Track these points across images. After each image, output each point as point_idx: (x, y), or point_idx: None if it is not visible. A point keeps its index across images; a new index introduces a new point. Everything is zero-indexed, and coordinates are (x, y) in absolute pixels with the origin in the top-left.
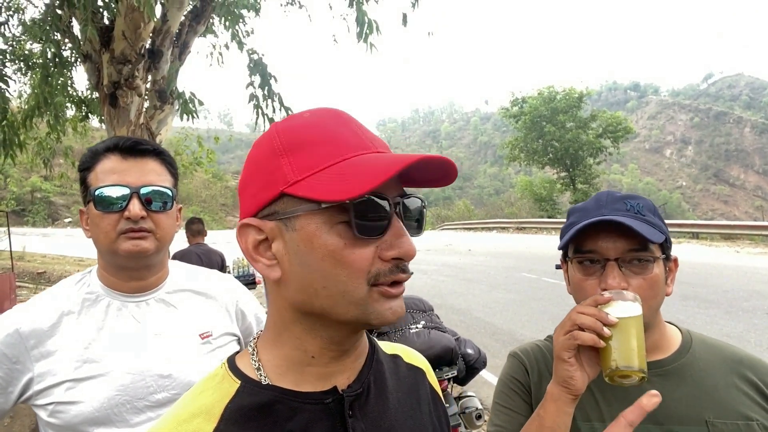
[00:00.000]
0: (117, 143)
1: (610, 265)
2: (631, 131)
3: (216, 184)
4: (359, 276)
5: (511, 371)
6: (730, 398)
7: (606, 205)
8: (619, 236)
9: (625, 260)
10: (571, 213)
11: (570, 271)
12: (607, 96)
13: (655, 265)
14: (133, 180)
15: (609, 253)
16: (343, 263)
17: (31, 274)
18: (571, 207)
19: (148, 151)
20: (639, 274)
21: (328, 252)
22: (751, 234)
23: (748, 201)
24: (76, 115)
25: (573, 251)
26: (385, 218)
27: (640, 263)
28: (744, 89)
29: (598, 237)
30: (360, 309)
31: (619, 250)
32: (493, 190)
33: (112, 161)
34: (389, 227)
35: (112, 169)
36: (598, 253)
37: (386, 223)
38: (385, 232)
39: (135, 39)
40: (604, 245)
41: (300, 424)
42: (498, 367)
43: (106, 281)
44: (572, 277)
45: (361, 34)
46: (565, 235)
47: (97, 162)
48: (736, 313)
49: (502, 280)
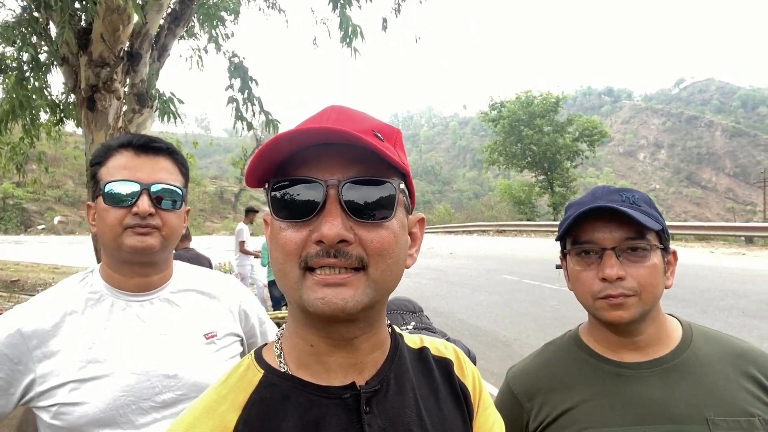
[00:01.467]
0: (131, 140)
1: (607, 254)
2: (607, 135)
3: (194, 190)
4: (291, 259)
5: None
6: (731, 394)
7: (602, 197)
8: (616, 225)
9: (623, 249)
10: (568, 208)
11: (569, 265)
12: (582, 101)
13: (653, 254)
14: (144, 177)
15: (606, 242)
16: (277, 246)
17: (4, 282)
18: (569, 202)
19: (161, 149)
20: (636, 262)
21: (272, 237)
22: (725, 235)
23: (720, 203)
24: (50, 119)
25: (571, 243)
26: (316, 202)
27: (637, 252)
28: (714, 94)
29: (595, 227)
30: (297, 294)
31: (616, 239)
32: (473, 194)
33: (124, 157)
34: (322, 211)
35: (124, 165)
36: (594, 243)
37: (318, 207)
38: (316, 214)
39: (113, 41)
40: (601, 235)
41: (317, 417)
42: (482, 369)
43: (110, 279)
44: (571, 270)
45: (345, 38)
46: (561, 228)
47: (110, 157)
48: (712, 312)
49: (483, 282)
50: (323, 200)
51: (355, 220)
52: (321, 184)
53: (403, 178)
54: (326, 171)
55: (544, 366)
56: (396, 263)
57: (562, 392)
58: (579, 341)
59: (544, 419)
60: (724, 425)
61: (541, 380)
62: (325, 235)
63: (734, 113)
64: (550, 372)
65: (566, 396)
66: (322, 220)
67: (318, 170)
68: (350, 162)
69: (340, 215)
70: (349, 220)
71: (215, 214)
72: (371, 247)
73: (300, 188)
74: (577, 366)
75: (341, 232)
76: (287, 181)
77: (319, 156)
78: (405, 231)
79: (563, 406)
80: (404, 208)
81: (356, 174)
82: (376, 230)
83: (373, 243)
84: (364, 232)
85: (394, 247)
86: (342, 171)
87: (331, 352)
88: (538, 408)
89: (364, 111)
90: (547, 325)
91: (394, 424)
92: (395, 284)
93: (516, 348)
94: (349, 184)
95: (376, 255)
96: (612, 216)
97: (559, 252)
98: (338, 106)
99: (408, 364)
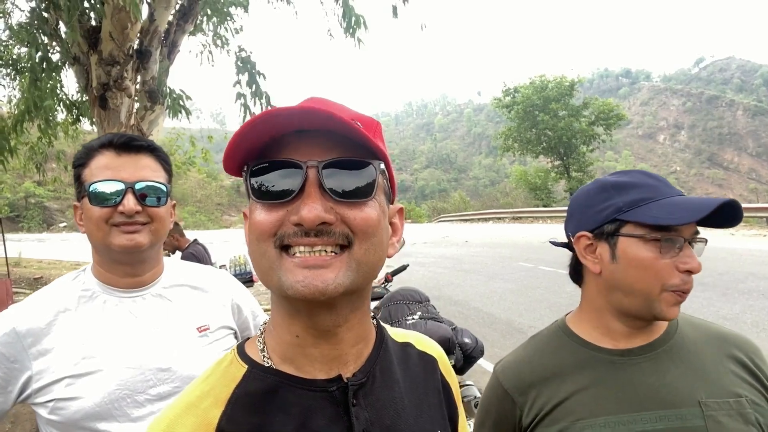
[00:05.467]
0: (111, 140)
1: (688, 246)
2: (624, 118)
3: (211, 184)
4: (265, 238)
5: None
6: (719, 376)
7: (667, 185)
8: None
9: (691, 241)
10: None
11: (624, 247)
12: (599, 83)
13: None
14: (128, 175)
15: (686, 233)
16: (252, 229)
17: (27, 280)
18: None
19: (142, 147)
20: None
21: (249, 219)
22: (746, 216)
23: (743, 184)
24: (66, 118)
25: (651, 229)
26: (294, 183)
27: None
28: (735, 72)
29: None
30: (276, 277)
31: (691, 231)
32: (488, 181)
33: (106, 157)
34: (302, 192)
35: (107, 165)
36: (679, 232)
37: (296, 189)
38: (295, 197)
39: (122, 40)
40: (686, 226)
41: (304, 410)
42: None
43: (102, 277)
44: (633, 256)
45: (348, 29)
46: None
47: (92, 158)
48: (732, 295)
49: (499, 269)
50: (302, 182)
51: (335, 200)
52: (301, 165)
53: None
54: (306, 154)
55: (534, 358)
56: (380, 244)
57: (554, 383)
58: (568, 330)
59: (538, 413)
60: (715, 407)
61: (532, 373)
62: (305, 217)
63: (756, 92)
64: (540, 363)
65: (559, 387)
66: (301, 202)
67: (297, 153)
68: (330, 146)
69: (320, 197)
70: (329, 201)
71: (232, 208)
72: (355, 224)
73: (279, 171)
74: (568, 355)
75: (321, 215)
76: (266, 163)
77: (299, 141)
78: (386, 217)
79: (557, 397)
80: (385, 194)
81: (336, 156)
82: (359, 208)
83: (357, 220)
84: (347, 210)
85: (378, 227)
86: (322, 154)
87: (315, 343)
88: (531, 402)
89: (364, 108)
90: (562, 312)
91: (381, 416)
92: (377, 269)
93: (531, 335)
94: (330, 167)
95: (361, 232)
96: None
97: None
98: (318, 96)
99: (393, 356)
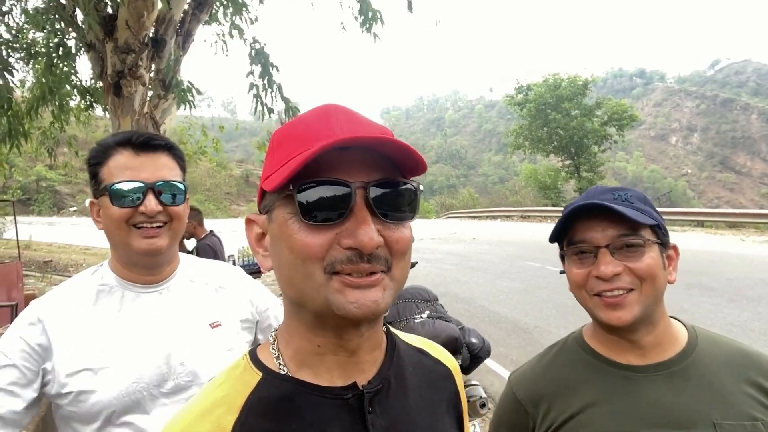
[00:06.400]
0: (129, 138)
1: (602, 252)
2: (637, 119)
3: (220, 173)
4: (312, 262)
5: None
6: (736, 398)
7: (594, 197)
8: (608, 223)
9: (617, 247)
10: (564, 210)
11: (567, 267)
12: (612, 83)
13: (649, 250)
14: (147, 175)
15: (599, 240)
16: (295, 249)
17: (37, 263)
18: (565, 205)
19: (160, 146)
20: (632, 258)
21: (286, 239)
22: (756, 222)
23: (755, 189)
24: (80, 104)
25: (566, 244)
26: (344, 204)
27: (632, 249)
28: (751, 75)
29: (588, 226)
30: (322, 299)
31: (609, 236)
32: (498, 179)
33: (124, 156)
34: (351, 214)
35: (126, 165)
36: (588, 242)
37: (345, 210)
38: (344, 218)
39: (138, 28)
40: (593, 234)
41: (320, 418)
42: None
43: (120, 273)
44: (568, 272)
45: (365, 23)
46: (554, 229)
47: (109, 157)
48: (740, 302)
49: (506, 268)
50: (352, 203)
51: (383, 221)
52: (350, 186)
53: None
54: (351, 173)
55: (549, 370)
56: (409, 261)
57: (567, 397)
58: (583, 343)
59: (549, 425)
60: (730, 429)
61: (546, 385)
62: (364, 243)
63: None
64: (554, 376)
65: (571, 400)
66: (356, 226)
67: (342, 173)
68: (372, 165)
69: (371, 219)
70: (377, 222)
71: (241, 198)
72: (395, 248)
73: (326, 189)
74: (582, 369)
75: (379, 239)
76: (314, 182)
77: (340, 159)
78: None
79: (569, 411)
80: None
81: (380, 177)
82: (399, 231)
83: (398, 244)
84: (390, 233)
85: (410, 247)
86: (366, 174)
87: (336, 353)
88: (543, 414)
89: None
90: (568, 313)
91: (396, 423)
92: (404, 284)
93: (536, 335)
94: (377, 187)
95: (399, 255)
96: (604, 214)
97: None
98: (337, 106)
99: (406, 362)
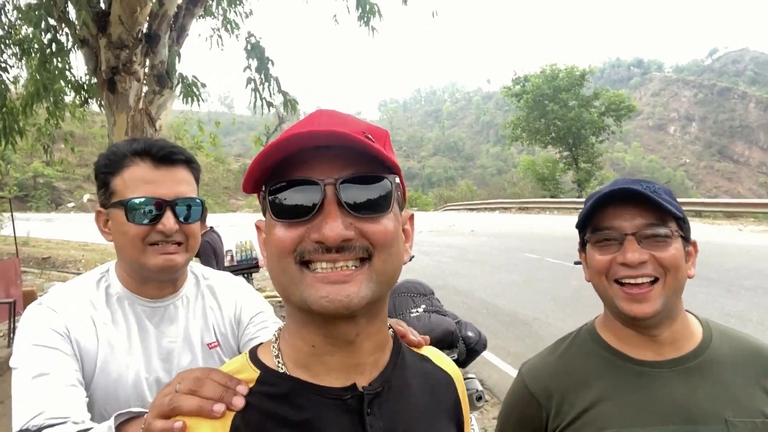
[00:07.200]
0: (148, 149)
1: (629, 240)
2: (635, 109)
3: (218, 168)
4: (285, 256)
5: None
6: (748, 395)
7: (623, 185)
8: (637, 211)
9: (644, 236)
10: (588, 198)
11: (588, 255)
12: (610, 73)
13: (674, 242)
14: (166, 192)
15: (627, 228)
16: (272, 246)
17: (36, 260)
18: (591, 193)
19: (180, 160)
20: (658, 249)
21: (268, 237)
22: (754, 212)
23: (753, 178)
24: (75, 100)
25: (591, 231)
26: (313, 201)
27: (658, 239)
28: (749, 64)
29: (616, 214)
30: (297, 292)
31: (637, 225)
32: (496, 170)
33: (142, 169)
34: (321, 209)
35: (143, 178)
36: (615, 229)
37: (316, 207)
38: (315, 214)
39: (131, 23)
40: (621, 221)
41: (317, 417)
42: (499, 348)
43: (127, 284)
44: (590, 260)
45: (363, 17)
46: (581, 216)
47: (124, 167)
48: (737, 292)
49: (504, 260)
50: (321, 200)
51: (354, 216)
52: (319, 183)
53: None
54: (322, 172)
55: (561, 363)
56: (397, 253)
57: (580, 391)
58: (596, 336)
59: (563, 419)
60: (741, 426)
61: (558, 378)
62: (327, 236)
63: None
64: (567, 369)
65: (584, 394)
66: (321, 220)
67: (314, 171)
68: (345, 163)
69: (340, 214)
70: (348, 217)
71: (239, 192)
72: (375, 238)
73: (297, 189)
74: (595, 362)
75: (342, 232)
76: (284, 182)
77: (314, 158)
78: (400, 225)
79: (582, 405)
80: (398, 204)
81: (352, 173)
82: (377, 221)
83: (376, 234)
84: (365, 224)
85: (396, 238)
86: (338, 171)
87: (332, 352)
88: (556, 407)
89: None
90: (567, 305)
91: (396, 426)
92: (395, 278)
93: (535, 327)
94: (347, 182)
95: (380, 245)
96: (633, 202)
97: (578, 244)
98: (327, 110)
99: (409, 367)
